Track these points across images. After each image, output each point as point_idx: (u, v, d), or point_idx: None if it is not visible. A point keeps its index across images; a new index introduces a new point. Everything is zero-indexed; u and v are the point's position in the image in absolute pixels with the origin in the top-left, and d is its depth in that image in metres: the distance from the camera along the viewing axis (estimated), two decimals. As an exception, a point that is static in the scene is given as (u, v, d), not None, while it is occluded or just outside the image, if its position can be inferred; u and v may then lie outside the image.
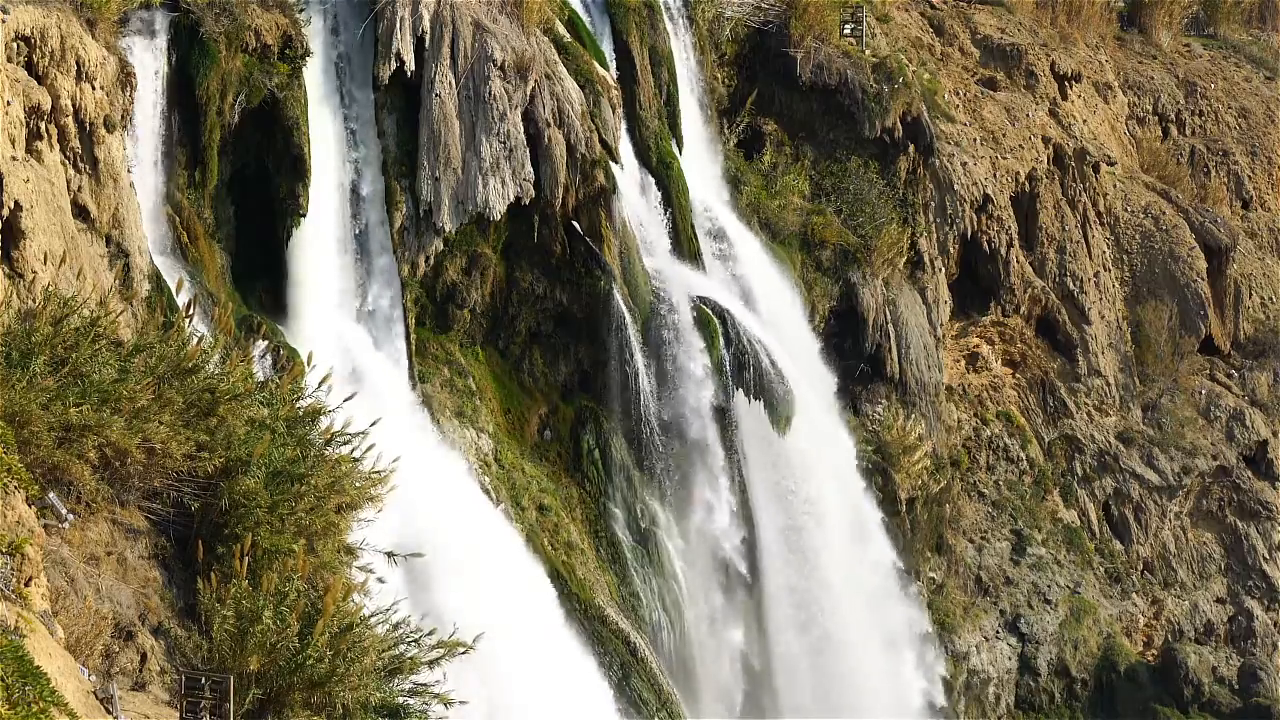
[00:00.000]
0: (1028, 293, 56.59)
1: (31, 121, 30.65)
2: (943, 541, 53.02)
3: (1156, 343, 59.88)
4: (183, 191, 36.92)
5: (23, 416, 19.79)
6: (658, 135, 46.27)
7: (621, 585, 42.31)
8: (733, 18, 51.43)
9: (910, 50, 57.56)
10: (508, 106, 40.85)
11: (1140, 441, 58.34)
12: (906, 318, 50.93)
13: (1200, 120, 68.17)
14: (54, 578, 19.11)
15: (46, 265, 28.49)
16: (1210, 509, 59.28)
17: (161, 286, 33.75)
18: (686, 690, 42.39)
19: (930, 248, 52.85)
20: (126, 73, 34.57)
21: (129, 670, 19.44)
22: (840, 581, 46.45)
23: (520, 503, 40.89)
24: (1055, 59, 62.19)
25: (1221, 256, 61.75)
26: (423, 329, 41.05)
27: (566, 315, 43.08)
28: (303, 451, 22.67)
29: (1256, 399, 61.38)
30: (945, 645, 51.21)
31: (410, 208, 40.36)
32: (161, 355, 22.23)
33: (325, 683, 19.64)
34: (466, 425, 40.98)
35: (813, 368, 48.00)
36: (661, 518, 43.41)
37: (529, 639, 36.01)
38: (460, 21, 40.83)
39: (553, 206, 41.69)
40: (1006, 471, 56.14)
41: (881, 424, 49.97)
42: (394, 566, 24.03)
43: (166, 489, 21.93)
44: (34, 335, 21.13)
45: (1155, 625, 57.05)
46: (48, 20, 31.19)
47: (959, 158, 54.65)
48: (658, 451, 43.21)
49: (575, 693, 37.64)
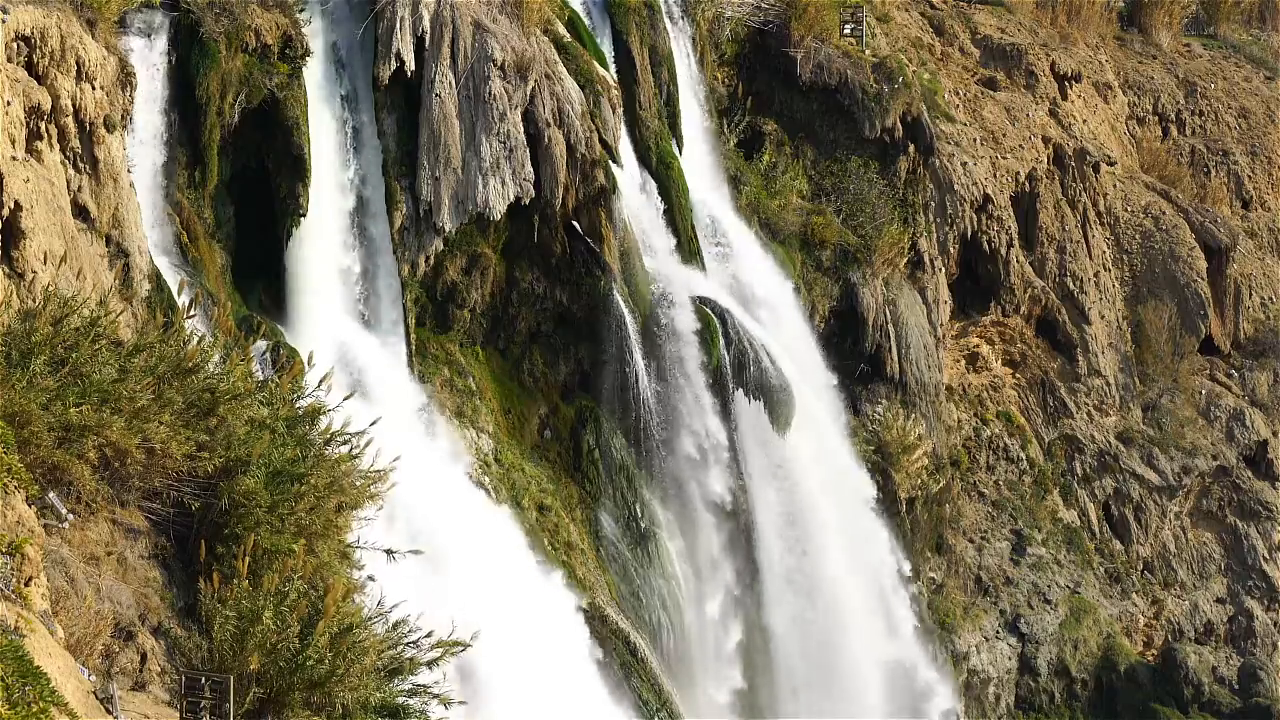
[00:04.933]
0: (1028, 293, 56.59)
1: (31, 121, 30.65)
2: (943, 541, 53.02)
3: (1156, 343, 59.88)
4: (183, 191, 36.92)
5: (23, 416, 19.79)
6: (658, 135, 46.28)
7: (621, 585, 42.31)
8: (733, 18, 51.44)
9: (910, 50, 57.57)
10: (508, 106, 40.86)
11: (1140, 441, 58.34)
12: (906, 318, 50.93)
13: (1200, 120, 68.17)
14: (54, 578, 19.11)
15: (46, 265, 28.49)
16: (1210, 509, 59.28)
17: (161, 286, 33.75)
18: (686, 690, 42.40)
19: (930, 248, 52.85)
20: (126, 73, 34.57)
21: (129, 670, 19.44)
22: (840, 581, 46.45)
23: (520, 503, 40.89)
24: (1055, 59, 62.20)
25: (1221, 256, 61.75)
26: (423, 329, 41.05)
27: (566, 315, 43.08)
28: (302, 451, 22.66)
29: (1256, 399, 61.38)
30: (945, 645, 51.21)
31: (410, 208, 40.36)
32: (161, 355, 22.22)
33: (325, 683, 19.64)
34: (466, 425, 40.99)
35: (813, 368, 48.01)
36: (661, 518, 43.43)
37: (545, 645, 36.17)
38: (460, 21, 40.84)
39: (553, 206, 41.69)
40: (1006, 471, 56.14)
41: (881, 424, 49.96)
42: (394, 562, 23.99)
43: (166, 489, 21.92)
44: (34, 335, 21.11)
45: (1155, 625, 57.05)
46: (48, 20, 31.19)
47: (959, 158, 54.65)
48: (658, 451, 43.23)
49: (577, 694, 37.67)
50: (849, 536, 47.20)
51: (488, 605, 32.73)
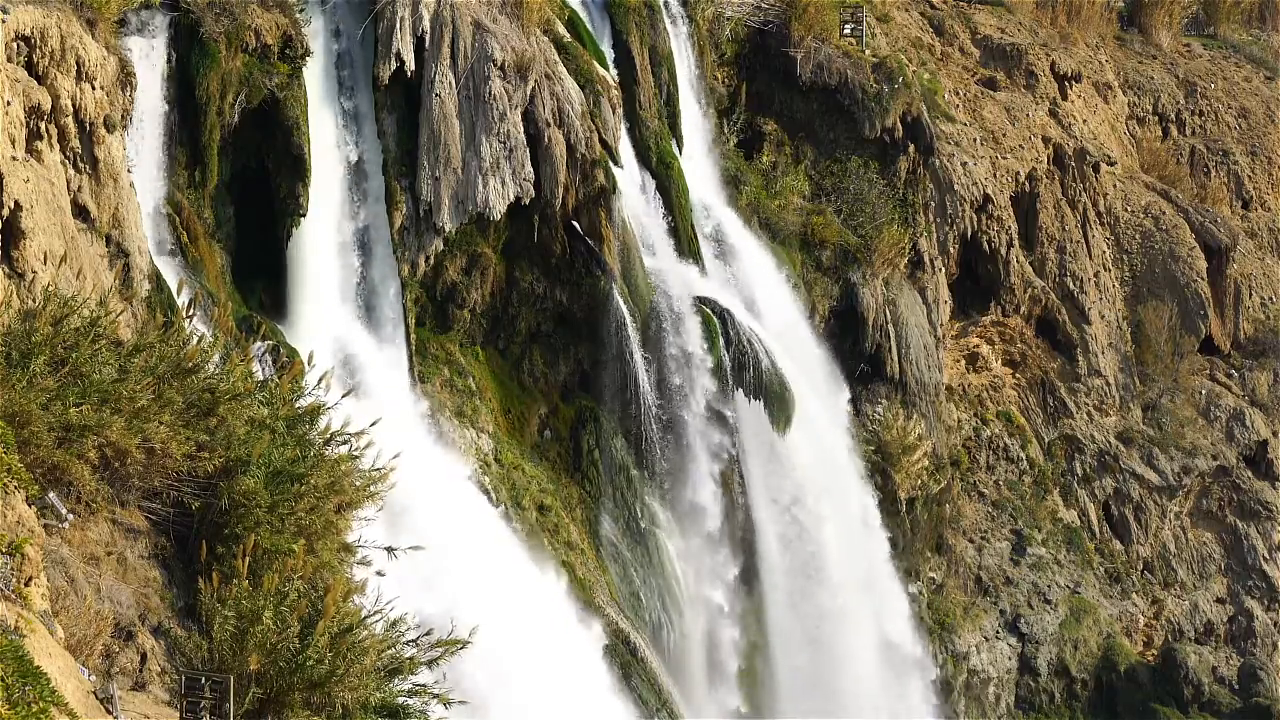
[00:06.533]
0: (1028, 293, 56.59)
1: (31, 121, 30.66)
2: (943, 541, 53.02)
3: (1156, 343, 59.88)
4: (183, 191, 36.93)
5: (23, 416, 19.78)
6: (658, 135, 46.28)
7: (622, 585, 42.32)
8: (733, 18, 51.44)
9: (910, 50, 57.58)
10: (508, 106, 40.86)
11: (1140, 441, 58.34)
12: (906, 318, 50.93)
13: (1200, 120, 68.17)
14: (54, 578, 19.11)
15: (46, 265, 28.50)
16: (1210, 509, 59.28)
17: (161, 286, 33.76)
18: (686, 689, 42.40)
19: (930, 248, 52.85)
20: (126, 73, 34.58)
21: (129, 670, 19.44)
22: (840, 580, 46.46)
23: (520, 503, 40.89)
24: (1055, 59, 62.20)
25: (1221, 256, 61.76)
26: (423, 329, 41.05)
27: (566, 315, 43.09)
28: (302, 451, 22.66)
29: (1256, 399, 61.38)
30: (945, 645, 51.20)
31: (410, 208, 40.36)
32: (161, 355, 22.21)
33: (325, 683, 19.63)
34: (466, 425, 40.99)
35: (813, 368, 48.00)
36: (661, 518, 43.43)
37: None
38: (460, 21, 40.84)
39: (553, 206, 41.69)
40: (1006, 471, 56.14)
41: (881, 424, 49.97)
42: (394, 560, 23.97)
43: (166, 489, 21.91)
44: (34, 335, 21.10)
45: (1155, 625, 57.05)
46: (48, 20, 31.19)
47: (959, 158, 54.65)
48: (658, 451, 43.23)
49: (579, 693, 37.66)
50: (849, 536, 47.21)
51: (487, 605, 32.73)
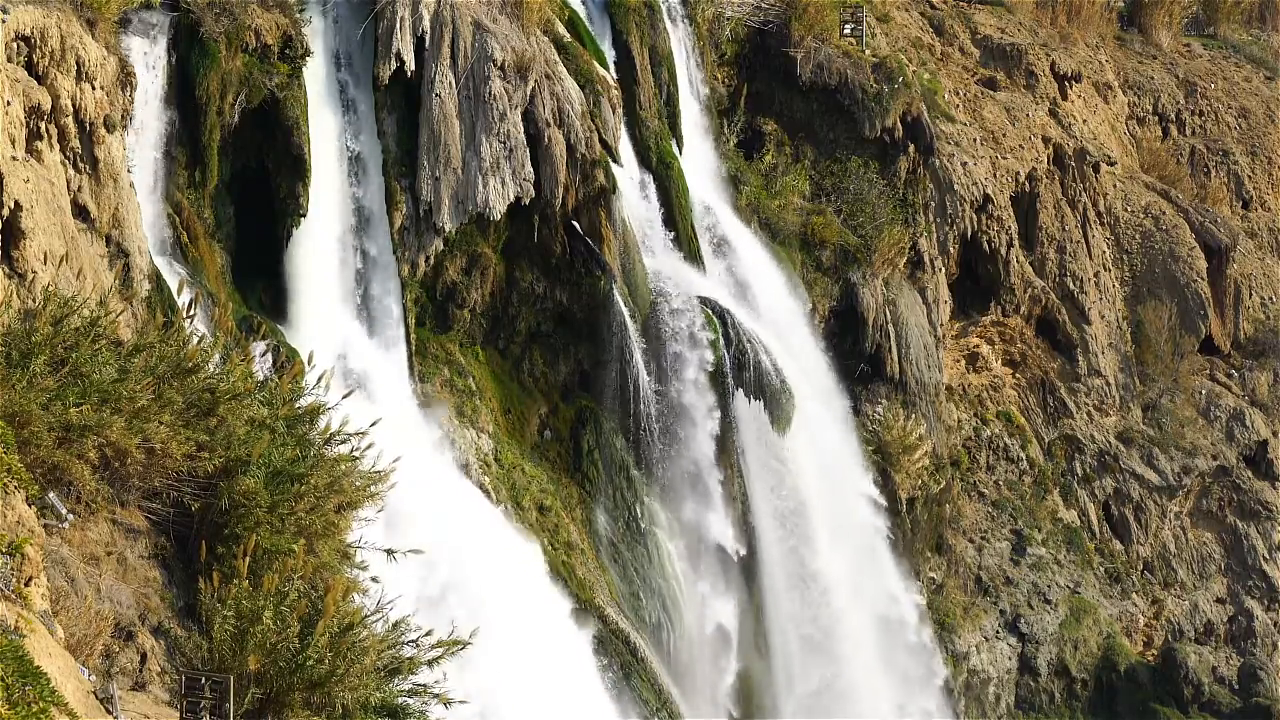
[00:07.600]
0: (1028, 293, 56.59)
1: (31, 121, 30.66)
2: (943, 541, 53.02)
3: (1156, 343, 59.87)
4: (183, 191, 36.93)
5: (23, 416, 19.78)
6: (658, 135, 46.28)
7: (621, 585, 42.32)
8: (733, 18, 51.44)
9: (910, 50, 57.57)
10: (508, 106, 40.86)
11: (1140, 441, 58.33)
12: (906, 318, 50.93)
13: (1200, 120, 68.17)
14: (54, 578, 19.11)
15: (46, 265, 28.50)
16: (1210, 509, 59.27)
17: (161, 286, 33.76)
18: (686, 689, 42.40)
19: (930, 248, 52.85)
20: (126, 73, 34.57)
21: (129, 670, 19.44)
22: (840, 580, 46.45)
23: (520, 503, 40.90)
24: (1055, 59, 62.19)
25: (1221, 256, 61.74)
26: (423, 329, 41.05)
27: (566, 315, 43.09)
28: (302, 451, 22.67)
29: (1256, 399, 61.37)
30: (945, 645, 51.20)
31: (410, 208, 40.37)
32: (161, 355, 22.22)
33: (325, 683, 19.63)
34: (466, 425, 40.99)
35: (813, 368, 48.00)
36: (661, 518, 43.42)
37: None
38: (460, 21, 40.84)
39: (553, 206, 41.69)
40: (1006, 471, 56.14)
41: (881, 424, 49.96)
42: (393, 562, 23.97)
43: (166, 489, 21.92)
44: (34, 335, 21.10)
45: (1155, 625, 57.05)
46: (48, 20, 31.19)
47: (959, 158, 54.64)
48: (657, 451, 43.23)
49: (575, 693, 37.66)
50: (849, 535, 47.21)
51: (486, 605, 32.75)
